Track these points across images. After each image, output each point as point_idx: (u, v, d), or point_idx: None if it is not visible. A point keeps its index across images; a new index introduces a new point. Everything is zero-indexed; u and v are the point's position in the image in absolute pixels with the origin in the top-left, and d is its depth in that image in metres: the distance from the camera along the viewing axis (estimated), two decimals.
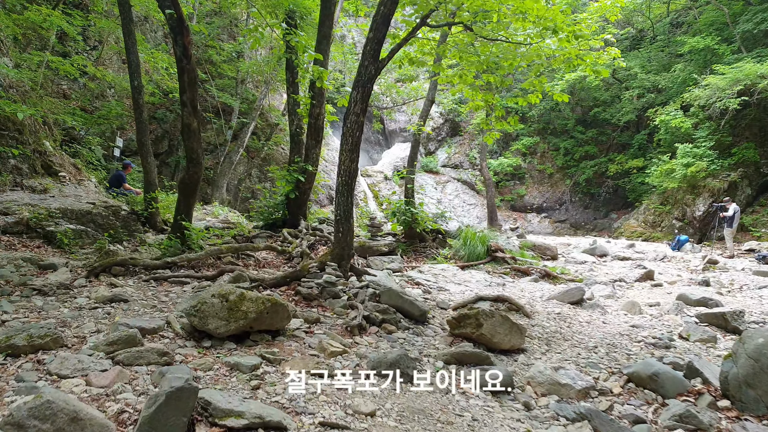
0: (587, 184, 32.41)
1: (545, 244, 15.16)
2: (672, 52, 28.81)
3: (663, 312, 8.61)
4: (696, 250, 18.30)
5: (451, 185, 33.35)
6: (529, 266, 11.59)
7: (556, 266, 12.64)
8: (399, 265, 10.21)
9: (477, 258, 11.68)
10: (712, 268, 13.69)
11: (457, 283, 9.60)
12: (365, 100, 6.86)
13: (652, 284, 11.02)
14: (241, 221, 14.16)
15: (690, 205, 24.53)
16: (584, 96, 33.30)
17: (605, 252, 15.75)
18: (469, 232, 12.08)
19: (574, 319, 7.65)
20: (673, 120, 24.50)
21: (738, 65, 21.98)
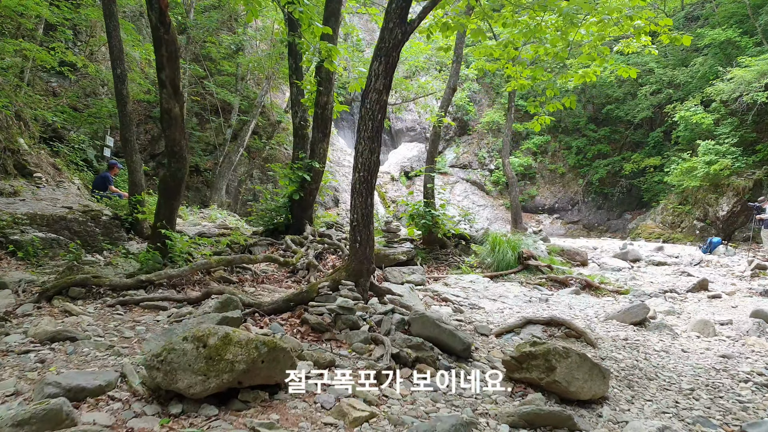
0: (600, 184, 30.72)
1: (573, 249, 13.53)
2: (689, 46, 27.09)
3: (741, 333, 7.00)
4: (730, 252, 16.64)
5: (459, 186, 31.73)
6: (566, 276, 9.97)
7: (593, 274, 11.02)
8: (421, 277, 8.60)
9: (507, 267, 10.07)
10: (762, 275, 12.05)
11: (491, 299, 7.98)
12: (389, 74, 5.26)
13: (709, 296, 9.40)
14: (241, 225, 12.59)
15: (713, 205, 22.86)
16: (596, 93, 31.62)
17: (638, 256, 14.12)
18: (497, 237, 10.47)
19: (647, 346, 6.03)
20: (694, 116, 22.82)
21: (765, 57, 20.33)
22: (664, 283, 10.54)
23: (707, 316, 7.97)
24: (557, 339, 5.96)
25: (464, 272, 9.83)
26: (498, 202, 31.56)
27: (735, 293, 9.71)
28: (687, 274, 11.60)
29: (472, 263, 10.33)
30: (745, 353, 6.11)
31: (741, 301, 9.08)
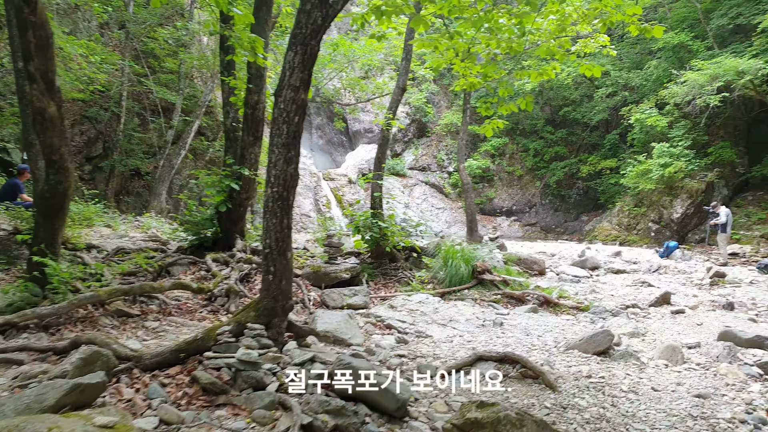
0: (557, 186, 30.34)
1: (531, 258, 12.73)
2: (643, 49, 26.91)
3: (711, 359, 6.21)
4: (686, 257, 16.17)
5: (418, 188, 30.87)
6: (524, 291, 9.08)
7: (551, 287, 10.19)
8: (364, 299, 7.56)
9: (460, 282, 9.13)
10: (721, 283, 11.47)
11: (441, 324, 7.00)
12: (308, 66, 4.21)
13: (673, 311, 8.64)
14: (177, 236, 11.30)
15: (667, 207, 22.58)
16: (553, 95, 31.23)
17: (596, 264, 13.42)
18: (450, 249, 9.51)
19: (613, 385, 5.13)
20: (649, 118, 22.50)
21: (717, 60, 20.05)
22: (625, 296, 9.78)
23: (673, 336, 7.19)
24: (512, 380, 5.02)
25: (414, 289, 8.84)
26: (457, 204, 30.84)
27: (698, 306, 9.00)
28: (647, 284, 10.89)
29: (423, 278, 9.35)
30: (719, 388, 5.29)
31: (705, 317, 8.36)
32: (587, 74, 6.07)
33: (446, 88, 32.63)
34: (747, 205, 21.20)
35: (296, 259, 8.96)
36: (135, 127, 17.81)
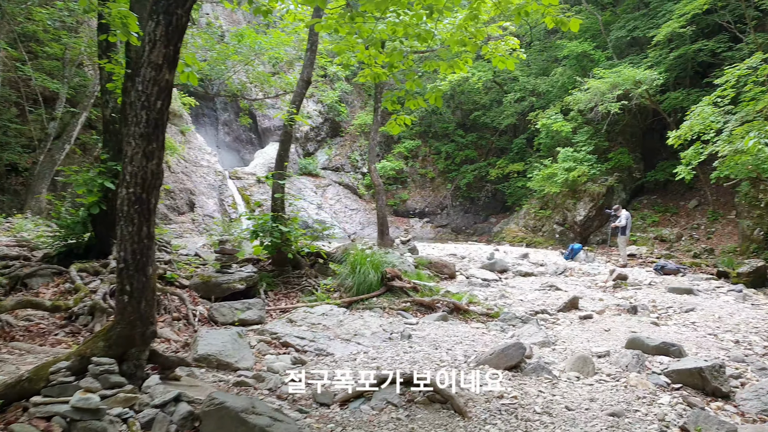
0: (468, 189, 30.71)
1: (442, 261, 12.42)
2: (549, 57, 27.77)
3: (621, 368, 6.01)
4: (590, 258, 16.61)
5: (332, 189, 30.16)
6: (434, 298, 8.65)
7: (461, 292, 9.86)
8: (259, 313, 6.77)
9: (369, 289, 8.54)
10: (623, 285, 11.68)
11: (345, 339, 6.36)
12: (173, 41, 3.42)
13: (581, 316, 8.54)
14: (46, 241, 9.89)
15: (571, 210, 23.34)
16: (464, 99, 31.60)
17: (505, 267, 13.35)
18: (359, 255, 8.90)
19: (526, 407, 4.72)
20: (555, 124, 23.16)
21: (616, 70, 20.93)
22: (534, 301, 9.61)
23: (583, 344, 6.99)
24: (418, 406, 4.46)
25: (319, 299, 8.14)
26: (371, 206, 30.40)
27: (604, 311, 8.98)
28: (555, 288, 10.85)
29: (329, 286, 8.67)
30: (632, 403, 5.03)
31: (612, 321, 8.30)
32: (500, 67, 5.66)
33: (360, 88, 32.16)
34: (643, 209, 22.31)
35: (184, 267, 8.00)
36: (12, 117, 15.82)
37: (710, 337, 7.69)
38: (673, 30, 19.64)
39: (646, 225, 21.12)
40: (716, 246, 18.31)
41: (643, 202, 23.01)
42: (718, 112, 14.66)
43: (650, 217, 21.56)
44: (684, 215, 21.11)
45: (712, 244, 18.52)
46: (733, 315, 8.88)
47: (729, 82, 14.24)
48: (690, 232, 19.78)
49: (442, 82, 26.34)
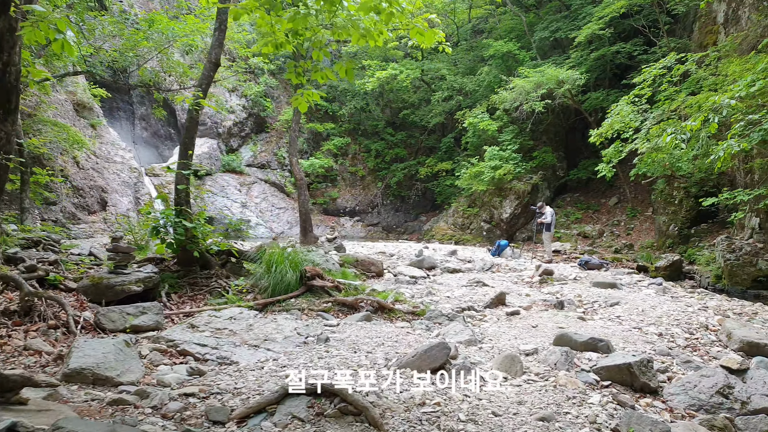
0: (398, 187, 30.49)
1: (368, 259, 11.91)
2: (476, 56, 27.95)
3: (550, 366, 5.70)
4: (516, 255, 16.64)
5: (257, 187, 29.05)
6: (357, 298, 8.10)
7: (387, 290, 9.38)
8: (156, 318, 5.97)
9: (287, 289, 7.88)
10: (550, 281, 11.61)
11: (253, 345, 5.68)
12: None
13: (508, 312, 8.24)
14: None
15: (497, 208, 23.51)
16: (393, 98, 31.37)
17: (433, 264, 13.02)
18: (276, 252, 8.21)
19: (450, 415, 4.25)
20: (481, 122, 23.25)
21: (540, 69, 21.25)
22: (461, 298, 9.27)
23: (510, 342, 6.65)
24: (329, 420, 3.89)
25: (230, 301, 7.40)
26: None
27: (531, 307, 8.75)
28: (482, 284, 10.59)
29: (242, 287, 7.94)
30: (562, 405, 4.69)
31: (539, 317, 8.06)
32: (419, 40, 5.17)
33: (286, 83, 31.21)
34: (566, 206, 22.79)
35: (74, 268, 7.05)
36: None
37: (635, 331, 7.59)
38: (593, 32, 20.13)
39: (570, 222, 21.56)
40: (635, 241, 18.87)
41: (566, 199, 23.53)
42: (637, 111, 15.02)
43: (573, 215, 22.04)
44: (605, 212, 21.72)
45: (631, 240, 19.07)
46: (655, 308, 8.89)
47: (646, 81, 14.59)
48: (611, 228, 20.32)
49: (371, 79, 25.96)
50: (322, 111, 30.79)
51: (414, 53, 30.17)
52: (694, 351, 6.96)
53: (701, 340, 7.35)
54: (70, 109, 23.87)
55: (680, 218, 17.59)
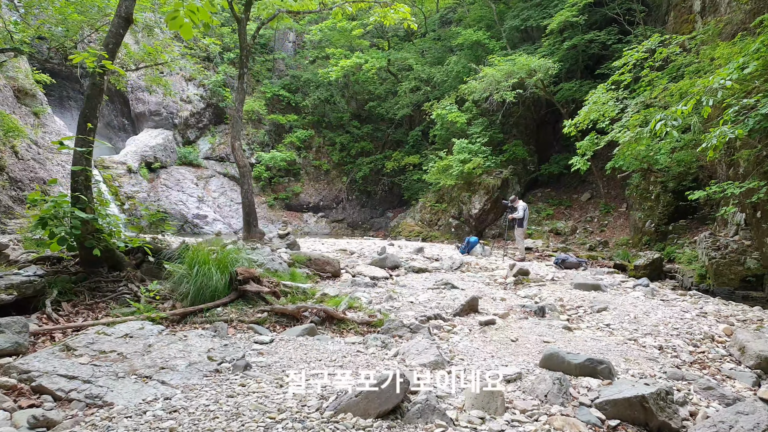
0: (364, 182, 29.02)
1: (324, 257, 10.40)
2: (445, 45, 26.65)
3: (540, 399, 4.33)
4: (486, 252, 15.37)
5: (215, 181, 27.20)
6: (300, 306, 6.61)
7: (341, 294, 7.92)
8: (16, 338, 4.35)
9: (213, 296, 6.34)
10: (526, 281, 10.32)
11: (142, 376, 4.14)
12: None
13: (482, 322, 6.86)
14: None
15: (466, 203, 22.24)
16: (359, 89, 29.87)
17: (396, 263, 11.60)
18: (200, 251, 6.65)
19: None
20: (449, 114, 21.93)
21: (512, 58, 20.06)
22: (427, 303, 7.87)
23: (486, 362, 5.29)
24: None
25: (140, 311, 5.82)
26: (260, 199, 27.83)
27: (508, 314, 7.41)
28: (450, 286, 9.21)
29: (156, 293, 6.36)
30: None
31: (519, 328, 6.72)
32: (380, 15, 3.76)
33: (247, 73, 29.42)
34: (537, 201, 21.68)
35: None
36: None
37: (632, 344, 6.33)
38: (567, 19, 19.03)
39: (541, 218, 20.45)
40: (609, 238, 17.85)
41: (537, 194, 22.44)
42: (616, 98, 13.89)
43: (545, 210, 20.94)
44: (577, 208, 20.69)
45: (605, 237, 18.05)
46: (648, 314, 7.66)
47: (627, 65, 13.46)
48: (584, 224, 19.28)
49: (334, 68, 24.47)
50: (285, 102, 29.08)
51: (380, 43, 28.74)
52: (704, 368, 5.73)
53: (709, 354, 6.13)
54: (9, 96, 21.70)
55: (657, 214, 16.62)
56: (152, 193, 24.68)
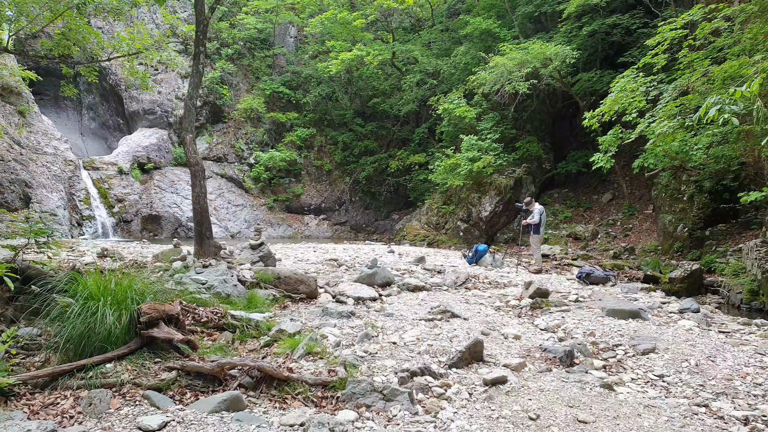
0: (368, 183, 26.97)
1: (297, 275, 8.34)
2: (452, 37, 24.49)
3: None
4: (497, 262, 13.24)
5: (212, 182, 25.30)
6: (223, 362, 4.52)
7: (303, 329, 5.90)
8: None
9: (104, 346, 4.35)
10: (544, 304, 8.19)
11: None
12: None
13: (487, 380, 4.74)
14: None
15: (476, 205, 20.07)
16: (363, 85, 27.83)
17: (388, 279, 9.52)
18: (91, 280, 4.66)
19: None
20: (457, 109, 19.79)
21: (524, 46, 17.89)
22: (415, 345, 5.77)
23: None
24: None
25: None
26: (259, 201, 25.97)
27: (524, 365, 5.29)
28: (450, 315, 7.12)
29: (23, 342, 4.38)
30: None
31: (540, 391, 4.64)
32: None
33: (246, 69, 27.52)
34: (554, 203, 19.49)
35: None
36: None
37: (703, 413, 4.25)
38: (586, 1, 16.82)
39: (558, 221, 18.26)
40: (635, 244, 15.61)
41: (553, 195, 20.24)
42: (648, 83, 11.68)
43: (562, 213, 18.74)
44: (598, 210, 18.47)
45: (630, 242, 15.82)
46: (714, 359, 5.54)
47: (661, 45, 11.27)
48: (606, 228, 17.06)
49: (334, 61, 22.48)
50: (285, 99, 27.15)
51: (385, 36, 26.66)
52: None
53: None
54: None
55: (690, 217, 14.36)
56: (144, 195, 22.90)
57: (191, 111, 8.62)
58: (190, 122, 8.74)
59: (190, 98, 8.49)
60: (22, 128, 20.63)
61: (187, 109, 8.60)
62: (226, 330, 5.99)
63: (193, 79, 8.64)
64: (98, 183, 21.77)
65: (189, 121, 8.73)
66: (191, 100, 8.51)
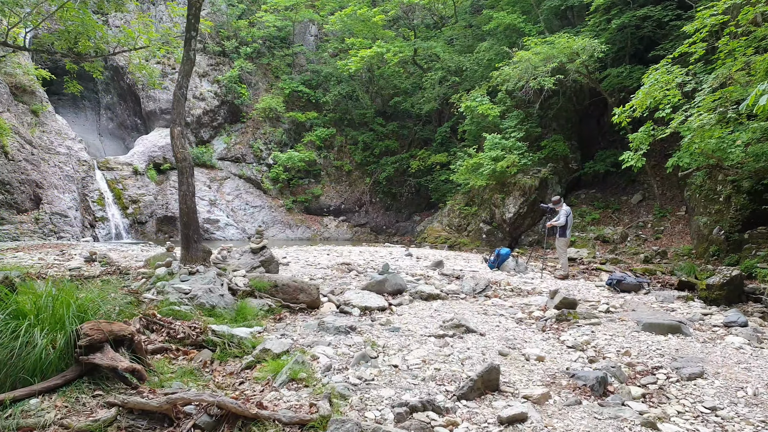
0: (388, 183, 26.05)
1: (297, 282, 7.46)
2: (475, 33, 23.40)
3: None
4: (521, 267, 12.16)
5: (230, 183, 24.76)
6: (175, 397, 3.65)
7: (293, 350, 5.01)
8: None
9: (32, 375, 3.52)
10: (572, 317, 7.14)
11: None
12: None
13: (503, 418, 3.77)
14: None
15: (499, 206, 18.98)
16: (384, 84, 26.92)
17: (400, 287, 8.59)
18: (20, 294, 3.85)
19: None
20: (480, 106, 18.71)
21: (550, 40, 16.74)
22: (419, 369, 4.82)
23: None
24: None
25: None
26: (278, 202, 25.25)
27: (549, 396, 4.29)
28: (464, 330, 6.14)
29: None
30: None
31: (566, 429, 3.66)
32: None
33: (265, 68, 26.88)
34: (581, 204, 18.24)
35: None
36: None
37: None
38: None
39: (586, 223, 17.03)
40: (667, 247, 14.34)
41: (580, 196, 18.98)
42: (685, 73, 10.49)
43: (589, 214, 17.50)
44: (627, 211, 17.18)
45: (662, 245, 14.54)
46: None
47: (700, 32, 10.08)
48: (635, 231, 15.78)
49: (354, 59, 21.62)
50: (304, 98, 26.43)
51: (407, 33, 25.71)
52: None
53: None
54: (4, 93, 19.77)
55: (728, 219, 13.06)
56: (160, 196, 22.39)
57: (180, 102, 7.82)
58: (178, 114, 7.93)
59: (180, 88, 7.68)
60: (34, 127, 20.28)
61: (176, 99, 7.79)
62: (205, 347, 5.16)
63: (184, 66, 7.84)
64: (112, 184, 21.33)
65: (177, 112, 7.92)
66: (180, 90, 7.70)
